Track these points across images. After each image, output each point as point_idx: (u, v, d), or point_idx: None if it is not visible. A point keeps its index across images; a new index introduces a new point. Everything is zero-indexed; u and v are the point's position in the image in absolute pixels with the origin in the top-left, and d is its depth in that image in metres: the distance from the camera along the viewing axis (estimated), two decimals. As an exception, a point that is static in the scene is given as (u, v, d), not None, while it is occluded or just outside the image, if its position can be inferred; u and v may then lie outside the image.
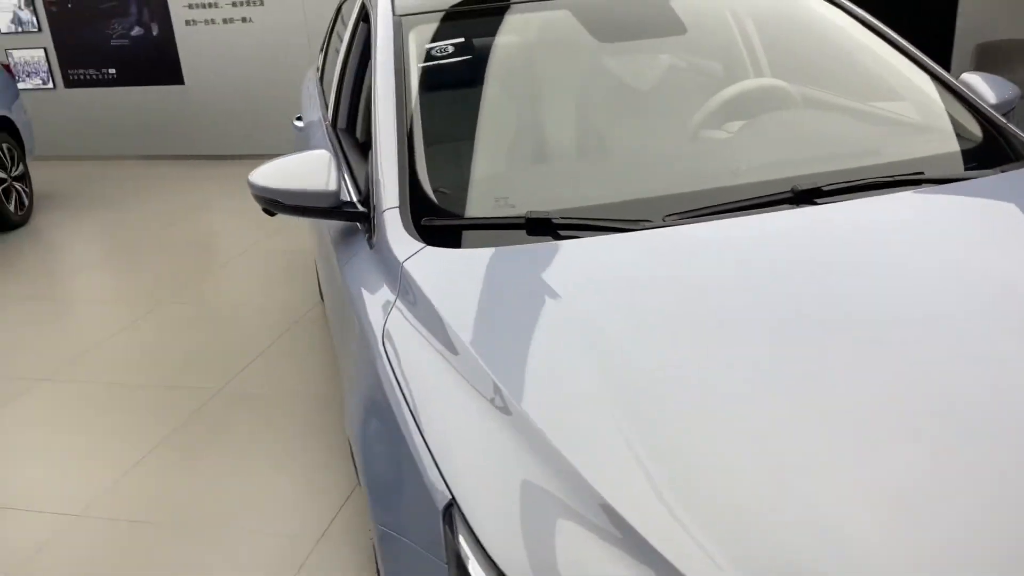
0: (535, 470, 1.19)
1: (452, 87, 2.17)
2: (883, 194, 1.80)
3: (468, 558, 1.15)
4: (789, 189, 1.78)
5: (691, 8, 2.42)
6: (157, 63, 7.00)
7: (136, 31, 6.97)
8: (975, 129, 2.10)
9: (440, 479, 1.23)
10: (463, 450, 1.27)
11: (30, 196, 5.89)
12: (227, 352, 3.63)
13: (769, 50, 2.48)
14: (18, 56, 7.28)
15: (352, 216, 1.90)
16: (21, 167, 5.82)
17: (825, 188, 1.79)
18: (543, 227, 1.68)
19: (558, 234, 1.68)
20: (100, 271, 4.84)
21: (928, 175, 1.86)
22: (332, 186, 1.87)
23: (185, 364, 3.56)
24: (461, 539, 1.17)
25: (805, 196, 1.77)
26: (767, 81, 2.26)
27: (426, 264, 1.62)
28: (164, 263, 4.81)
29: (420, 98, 2.05)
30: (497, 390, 1.32)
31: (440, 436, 1.30)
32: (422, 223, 1.73)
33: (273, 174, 1.92)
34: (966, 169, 1.95)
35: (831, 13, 2.43)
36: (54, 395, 3.42)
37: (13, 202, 5.64)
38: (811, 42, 2.43)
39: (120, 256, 5.03)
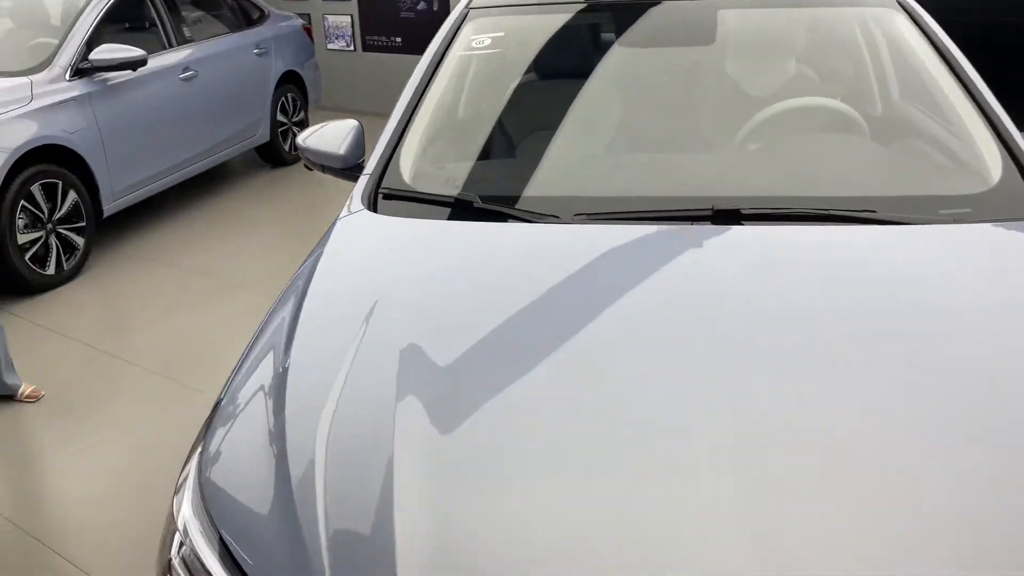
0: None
1: (471, 77, 2.42)
2: (826, 225, 1.79)
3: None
4: (710, 208, 1.83)
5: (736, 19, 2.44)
6: (432, 35, 7.82)
7: (421, 6, 7.85)
8: (994, 177, 1.94)
9: None
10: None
11: (307, 139, 7.01)
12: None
13: (815, 66, 2.42)
14: (331, 20, 8.53)
15: (352, 178, 2.26)
16: (302, 114, 6.92)
17: (745, 211, 1.81)
18: (465, 209, 1.91)
19: (479, 217, 1.90)
20: (327, 209, 5.68)
21: (881, 215, 1.80)
22: (342, 151, 2.23)
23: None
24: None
25: (725, 216, 1.81)
26: (780, 105, 2.22)
27: (350, 224, 1.93)
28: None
29: (441, 83, 2.34)
30: (286, 355, 1.54)
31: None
32: (378, 190, 2.05)
33: (313, 135, 2.33)
34: (949, 215, 1.83)
35: (908, 37, 2.31)
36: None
37: (289, 142, 6.74)
38: (859, 61, 2.34)
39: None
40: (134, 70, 4.89)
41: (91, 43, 4.74)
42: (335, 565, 1.14)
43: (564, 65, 2.46)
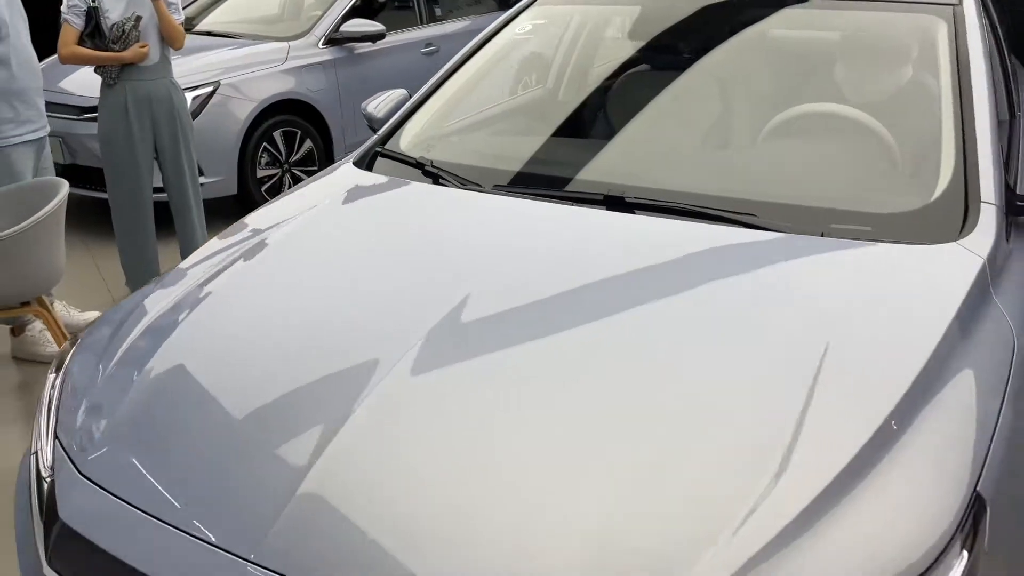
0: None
1: (499, 58, 2.71)
2: (706, 223, 1.87)
3: None
4: (602, 194, 1.99)
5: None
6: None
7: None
8: (923, 202, 1.87)
9: None
10: None
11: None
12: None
13: (818, 72, 2.37)
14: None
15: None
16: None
17: (628, 200, 1.95)
18: (423, 172, 2.25)
19: (437, 179, 2.22)
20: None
21: (761, 221, 1.84)
22: (380, 114, 2.66)
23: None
24: None
25: (615, 202, 1.96)
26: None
27: (340, 177, 2.35)
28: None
29: (478, 61, 2.66)
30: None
31: None
32: (373, 149, 2.44)
33: (372, 100, 2.78)
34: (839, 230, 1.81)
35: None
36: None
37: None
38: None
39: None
40: (374, 42, 5.71)
41: (350, 17, 5.64)
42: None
43: (574, 57, 2.67)
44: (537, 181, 2.11)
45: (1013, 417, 1.42)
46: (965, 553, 1.18)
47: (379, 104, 2.72)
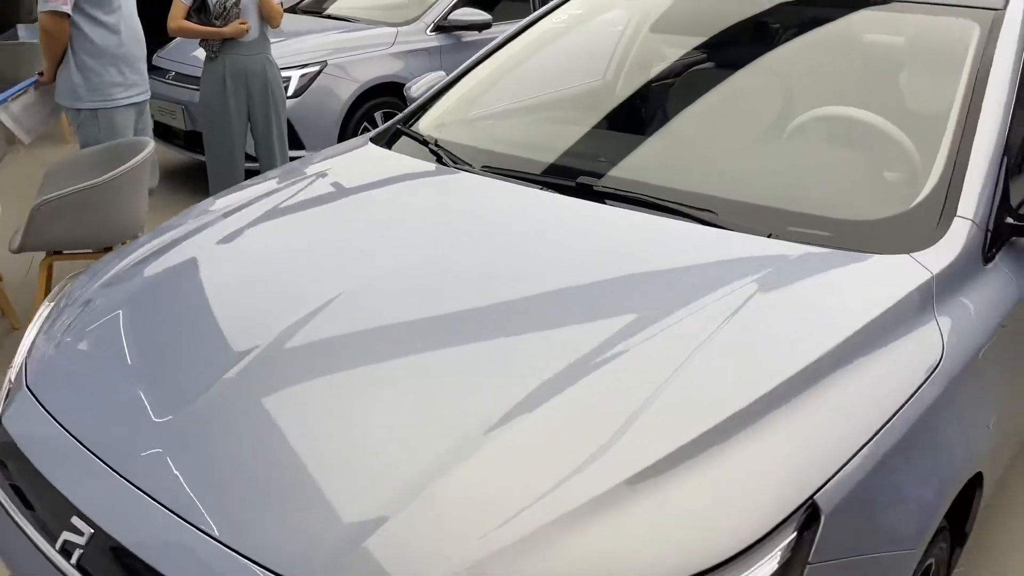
0: None
1: (534, 44, 2.77)
2: (670, 217, 1.88)
3: None
4: (574, 181, 2.03)
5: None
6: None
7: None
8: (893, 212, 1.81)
9: None
10: None
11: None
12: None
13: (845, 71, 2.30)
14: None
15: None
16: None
17: (596, 188, 1.98)
18: (429, 150, 2.35)
19: (440, 160, 2.32)
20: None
21: (718, 219, 1.84)
22: (415, 94, 2.79)
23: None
24: None
25: (584, 190, 2.00)
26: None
27: (352, 150, 2.49)
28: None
29: (513, 48, 2.74)
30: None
31: None
32: (395, 127, 2.57)
33: (415, 83, 2.92)
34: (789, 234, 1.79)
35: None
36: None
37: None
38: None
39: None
40: (480, 31, 5.87)
41: (463, 5, 5.83)
42: None
43: (600, 45, 2.69)
44: (521, 165, 2.17)
45: (903, 437, 1.38)
46: (778, 555, 1.17)
47: (420, 85, 2.85)
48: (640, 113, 2.36)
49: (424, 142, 2.37)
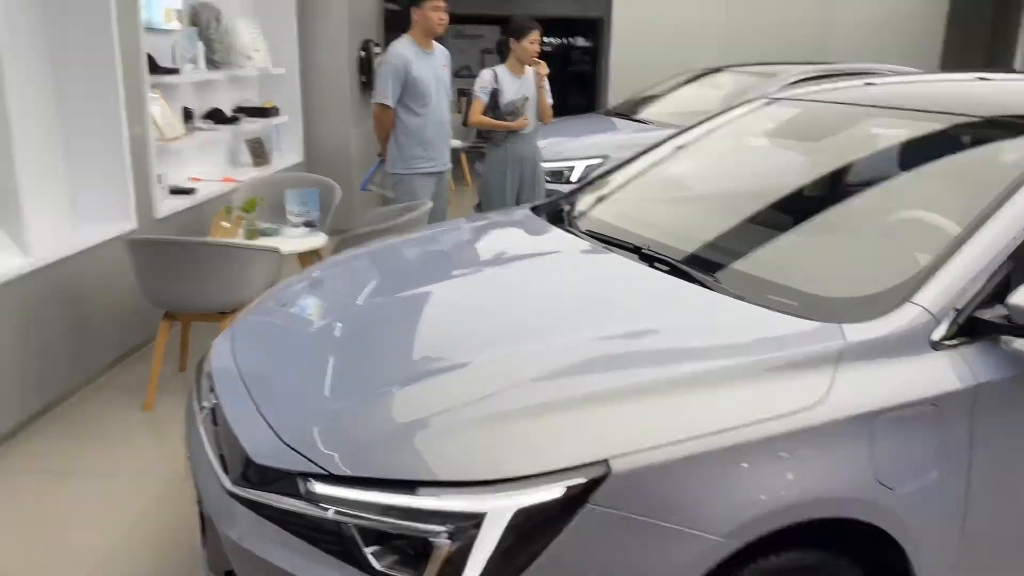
0: None
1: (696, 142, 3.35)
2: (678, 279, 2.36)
3: None
4: (640, 248, 2.57)
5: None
6: None
7: None
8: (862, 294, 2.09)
9: None
10: None
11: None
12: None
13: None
14: None
15: None
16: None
17: (644, 251, 2.51)
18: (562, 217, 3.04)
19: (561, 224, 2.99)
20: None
21: (715, 284, 2.26)
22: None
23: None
24: None
25: (643, 256, 2.54)
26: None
27: (513, 212, 3.26)
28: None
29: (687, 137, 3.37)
30: None
31: None
32: (558, 205, 3.29)
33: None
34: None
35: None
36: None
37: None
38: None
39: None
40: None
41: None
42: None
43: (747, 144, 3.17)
44: (610, 232, 2.72)
45: (730, 447, 1.72)
46: (564, 488, 1.61)
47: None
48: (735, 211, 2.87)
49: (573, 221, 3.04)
